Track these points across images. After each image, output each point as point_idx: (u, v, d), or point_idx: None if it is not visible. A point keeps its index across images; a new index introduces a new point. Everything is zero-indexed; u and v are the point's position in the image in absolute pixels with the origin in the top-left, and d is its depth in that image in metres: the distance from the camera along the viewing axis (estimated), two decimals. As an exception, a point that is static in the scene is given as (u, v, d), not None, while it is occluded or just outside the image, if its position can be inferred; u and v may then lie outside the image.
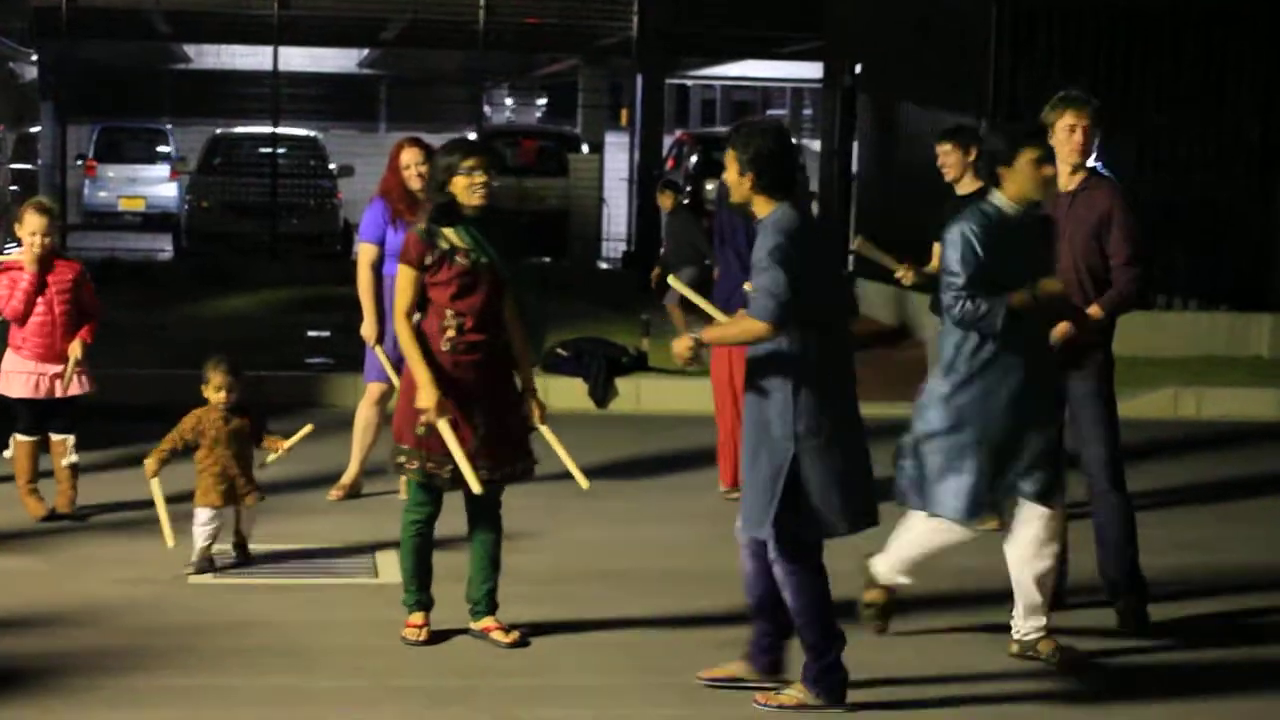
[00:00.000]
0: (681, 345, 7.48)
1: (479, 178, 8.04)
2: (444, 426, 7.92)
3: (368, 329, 10.84)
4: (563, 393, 15.03)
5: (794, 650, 7.56)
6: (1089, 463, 8.86)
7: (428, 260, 8.06)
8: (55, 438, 10.44)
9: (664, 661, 8.06)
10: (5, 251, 11.89)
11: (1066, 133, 8.73)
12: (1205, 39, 19.08)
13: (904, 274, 10.98)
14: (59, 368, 10.37)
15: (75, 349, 10.33)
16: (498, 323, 8.18)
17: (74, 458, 10.48)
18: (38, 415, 10.46)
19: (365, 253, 10.99)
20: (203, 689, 7.52)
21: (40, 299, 10.34)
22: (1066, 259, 8.69)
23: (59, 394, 10.38)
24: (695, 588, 9.25)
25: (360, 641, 8.20)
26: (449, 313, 8.07)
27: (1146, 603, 8.86)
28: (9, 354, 10.45)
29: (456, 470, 8.01)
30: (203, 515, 9.37)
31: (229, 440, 9.41)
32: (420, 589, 8.32)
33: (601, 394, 15.12)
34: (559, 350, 15.60)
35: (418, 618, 8.29)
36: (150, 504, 9.27)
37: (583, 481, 8.40)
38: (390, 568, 9.37)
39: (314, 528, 10.35)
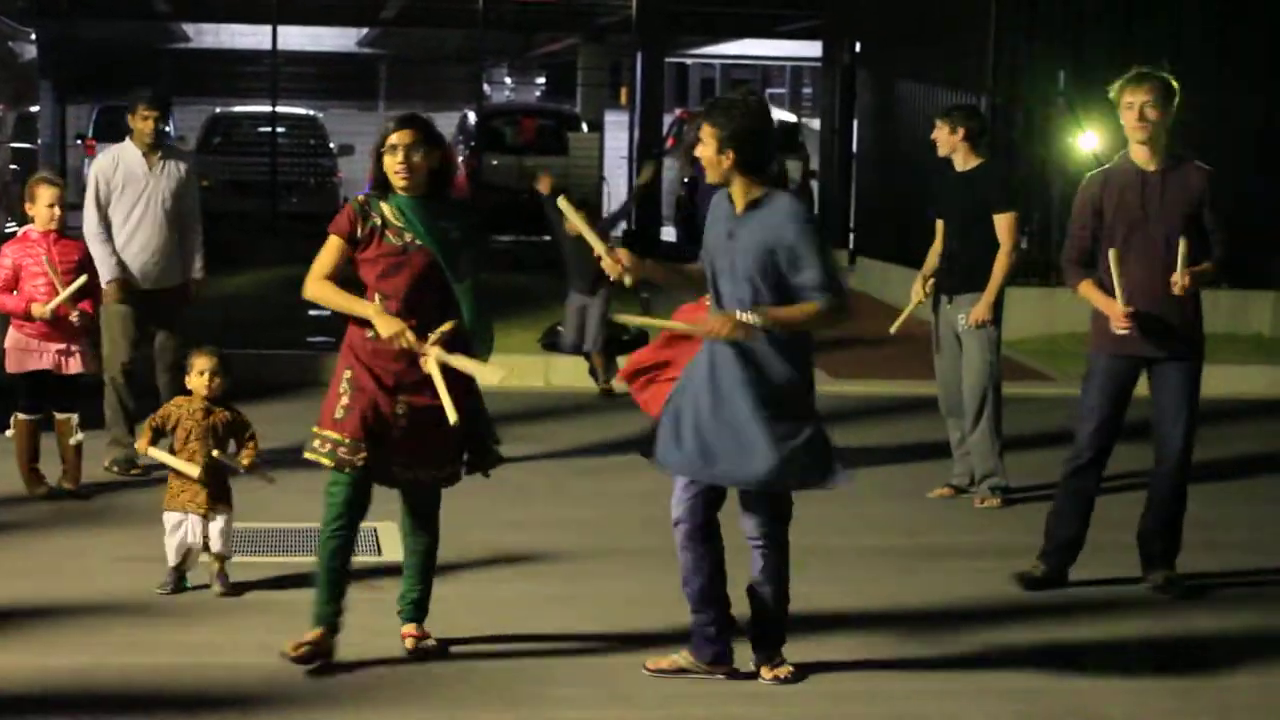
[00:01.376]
0: (732, 326, 7.00)
1: (398, 158, 7.39)
2: (434, 353, 7.31)
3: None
4: (564, 371, 15.04)
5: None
6: (1164, 438, 8.97)
7: (358, 233, 7.45)
8: (60, 416, 10.44)
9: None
10: (3, 231, 11.85)
11: (1133, 110, 8.79)
12: (1207, 15, 19.04)
13: (918, 296, 11.05)
14: (62, 345, 10.37)
15: (70, 298, 10.25)
16: (431, 312, 7.44)
17: (80, 436, 10.48)
18: (38, 393, 10.45)
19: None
20: (205, 666, 7.52)
21: (46, 276, 10.33)
22: (1158, 237, 8.77)
23: (64, 370, 10.38)
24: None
25: (364, 620, 8.19)
26: (376, 296, 7.45)
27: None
28: (12, 332, 10.44)
29: (375, 460, 7.42)
30: (169, 521, 8.65)
31: (205, 436, 8.64)
32: (329, 599, 7.59)
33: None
34: (560, 328, 15.58)
35: (312, 633, 7.54)
36: (153, 482, 9.25)
37: (493, 373, 7.58)
38: (393, 544, 9.38)
39: (313, 505, 10.31)
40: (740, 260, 7.11)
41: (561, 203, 8.02)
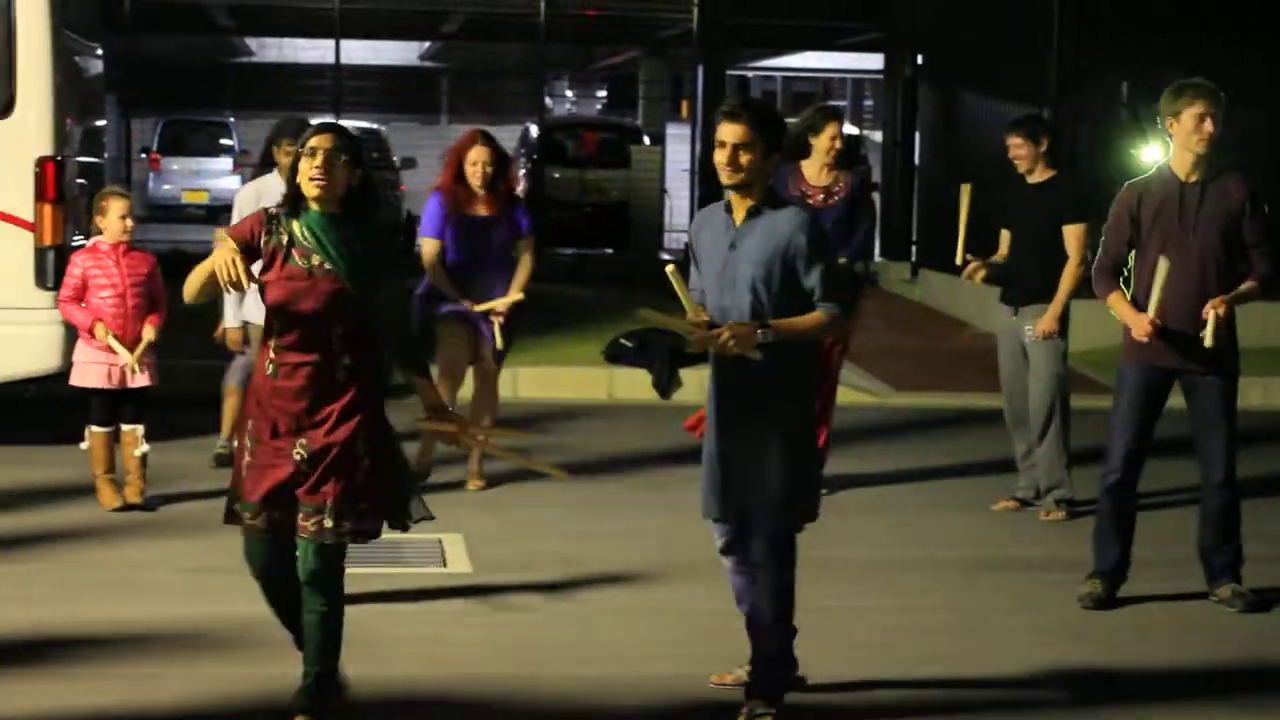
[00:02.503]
0: (747, 334, 6.87)
1: (316, 162, 6.58)
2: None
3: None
4: (627, 383, 15.05)
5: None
6: (1207, 453, 8.93)
7: (259, 243, 6.65)
8: (125, 428, 10.51)
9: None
10: (70, 245, 11.95)
11: (1195, 121, 8.72)
12: (1270, 26, 18.94)
13: (974, 271, 10.90)
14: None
15: (149, 331, 10.39)
16: (340, 340, 6.66)
17: (145, 448, 10.54)
18: (110, 406, 10.53)
19: (428, 247, 11.10)
20: (268, 677, 7.55)
21: (114, 288, 10.42)
22: (1196, 249, 8.72)
23: (130, 384, 10.45)
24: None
25: (430, 631, 8.21)
26: (274, 323, 6.69)
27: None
28: (80, 345, 10.51)
29: (276, 512, 6.71)
30: None
31: None
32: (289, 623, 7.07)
33: (665, 384, 15.07)
34: (623, 341, 15.57)
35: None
36: (216, 494, 9.28)
37: (560, 473, 7.73)
38: (459, 557, 9.42)
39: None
40: (743, 270, 7.05)
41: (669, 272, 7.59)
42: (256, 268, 6.67)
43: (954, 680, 7.76)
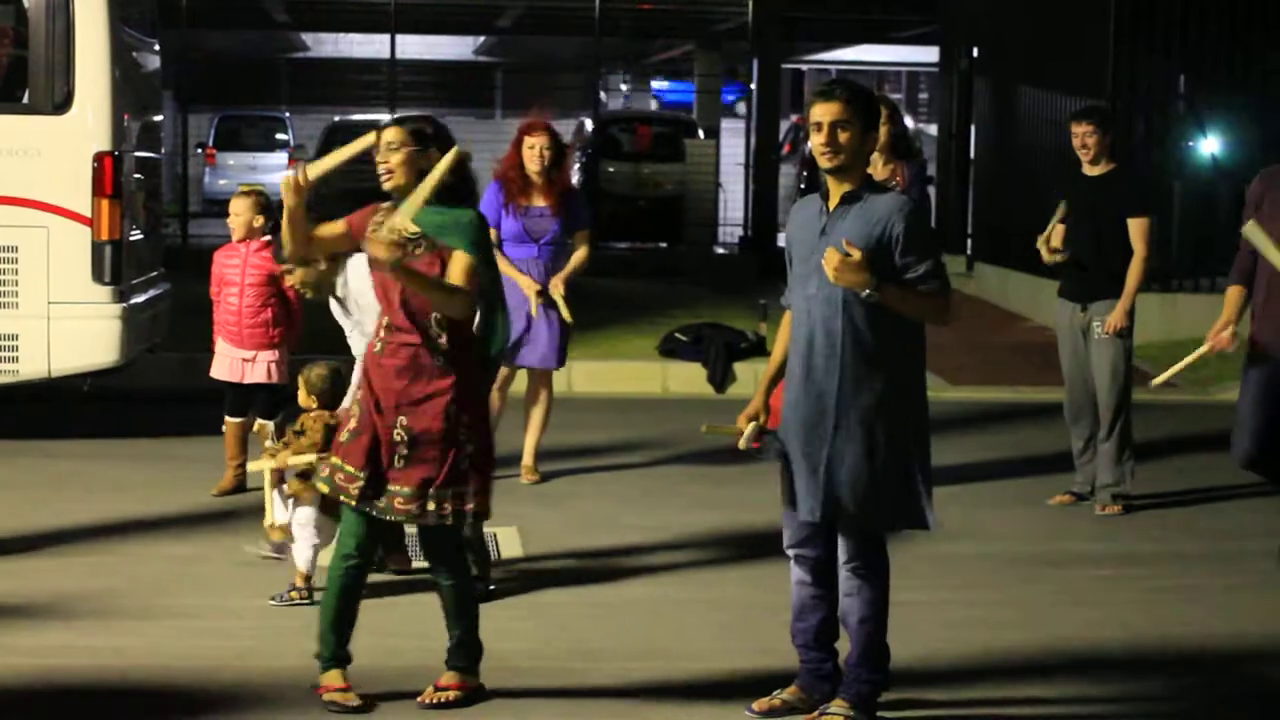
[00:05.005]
0: (853, 275, 6.52)
1: (379, 158, 7.00)
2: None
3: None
4: (682, 378, 15.07)
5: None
6: None
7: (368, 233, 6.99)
8: (259, 422, 10.63)
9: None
10: (127, 240, 12.05)
11: None
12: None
13: (1053, 250, 10.81)
14: (249, 354, 10.60)
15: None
16: (437, 328, 6.90)
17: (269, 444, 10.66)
18: (241, 397, 10.68)
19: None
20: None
21: (234, 284, 10.61)
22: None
23: (242, 379, 10.62)
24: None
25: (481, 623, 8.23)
26: (382, 305, 7.05)
27: None
28: (217, 337, 10.75)
29: (370, 489, 6.92)
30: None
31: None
32: (338, 644, 7.08)
33: (720, 379, 15.13)
34: (678, 335, 15.63)
35: (333, 678, 7.08)
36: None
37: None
38: (514, 548, 9.44)
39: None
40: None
41: None
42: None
43: (1008, 671, 7.75)
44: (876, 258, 6.58)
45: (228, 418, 10.74)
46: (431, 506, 6.91)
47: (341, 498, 6.99)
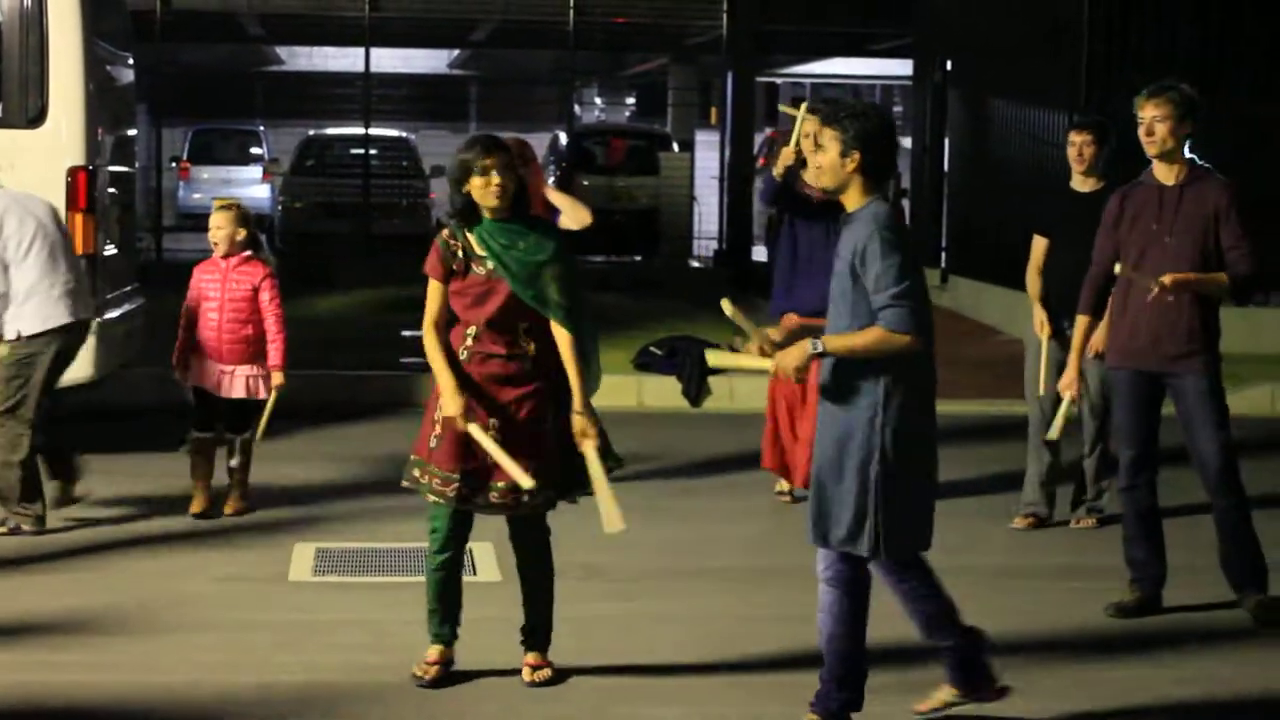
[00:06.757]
0: (793, 360, 6.70)
1: (495, 179, 7.34)
2: (474, 431, 7.33)
3: None
4: (657, 392, 15.08)
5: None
6: (1197, 456, 8.84)
7: (453, 268, 7.44)
8: (229, 436, 10.63)
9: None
10: (102, 255, 12.03)
11: (1145, 124, 8.70)
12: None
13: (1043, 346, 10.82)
14: (228, 367, 10.53)
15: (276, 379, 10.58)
16: (525, 334, 7.47)
17: (234, 460, 10.63)
18: (209, 410, 10.65)
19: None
20: (304, 685, 7.58)
21: (214, 300, 10.56)
22: (1171, 252, 8.67)
23: (222, 392, 10.57)
24: (797, 581, 9.23)
25: (458, 640, 8.23)
26: (466, 324, 7.48)
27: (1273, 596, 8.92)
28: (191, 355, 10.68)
29: (466, 488, 7.44)
30: None
31: None
32: (443, 621, 7.70)
33: (695, 392, 15.14)
34: (652, 349, 15.65)
35: (430, 652, 7.70)
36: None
37: (615, 522, 7.62)
38: (489, 565, 9.44)
39: (410, 526, 10.39)
40: (836, 279, 6.75)
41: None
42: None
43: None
44: (853, 276, 6.64)
45: (194, 432, 10.69)
46: (525, 499, 7.46)
47: (440, 502, 7.45)
